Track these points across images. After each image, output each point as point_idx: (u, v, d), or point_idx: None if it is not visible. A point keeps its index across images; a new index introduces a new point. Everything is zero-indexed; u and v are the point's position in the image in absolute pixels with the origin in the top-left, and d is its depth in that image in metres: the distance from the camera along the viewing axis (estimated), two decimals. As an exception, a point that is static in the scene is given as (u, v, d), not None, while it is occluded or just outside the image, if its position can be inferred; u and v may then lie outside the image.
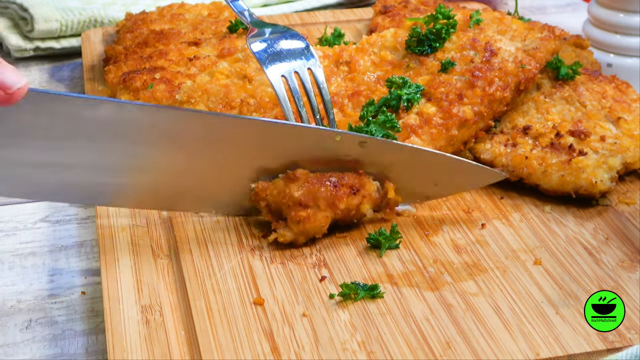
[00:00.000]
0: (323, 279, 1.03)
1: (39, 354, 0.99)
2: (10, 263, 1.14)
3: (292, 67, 1.20)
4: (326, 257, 1.08)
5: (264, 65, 1.20)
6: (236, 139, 1.06)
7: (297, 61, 1.21)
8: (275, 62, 1.20)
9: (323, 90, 1.19)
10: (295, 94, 1.17)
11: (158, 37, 1.48)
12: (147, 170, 1.06)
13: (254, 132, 1.06)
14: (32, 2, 1.78)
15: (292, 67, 1.20)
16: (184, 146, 1.05)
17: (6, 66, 0.89)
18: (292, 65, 1.20)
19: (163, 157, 1.05)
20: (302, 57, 1.22)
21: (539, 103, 1.30)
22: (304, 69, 1.20)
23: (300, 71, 1.20)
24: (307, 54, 1.22)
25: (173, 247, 1.09)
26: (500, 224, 1.15)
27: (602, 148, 1.20)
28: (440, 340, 0.94)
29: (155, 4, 1.83)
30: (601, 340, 0.94)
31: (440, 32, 1.31)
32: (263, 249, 1.09)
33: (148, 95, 1.31)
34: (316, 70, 1.21)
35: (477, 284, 1.03)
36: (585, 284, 1.03)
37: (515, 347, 0.93)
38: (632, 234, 1.13)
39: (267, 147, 1.08)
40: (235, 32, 1.50)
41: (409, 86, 1.23)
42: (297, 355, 0.92)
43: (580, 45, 1.48)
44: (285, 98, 1.16)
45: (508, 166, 1.21)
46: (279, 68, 1.19)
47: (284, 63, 1.20)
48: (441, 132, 1.19)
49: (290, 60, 1.21)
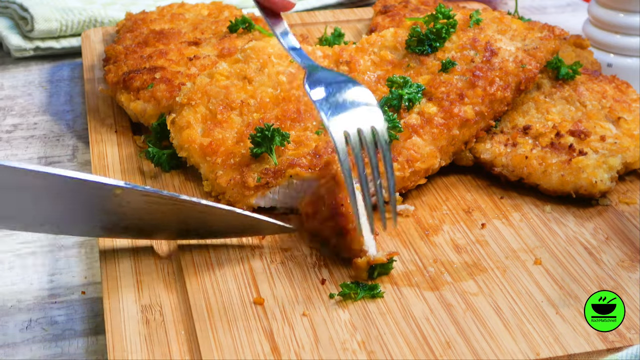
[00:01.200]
0: (324, 281, 1.03)
1: (39, 354, 0.99)
2: (10, 263, 1.14)
3: (355, 123, 1.05)
4: (326, 257, 1.08)
5: (327, 117, 1.06)
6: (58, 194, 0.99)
7: (361, 115, 1.07)
8: (338, 114, 1.06)
9: (387, 153, 1.05)
10: (358, 157, 1.04)
11: (158, 37, 1.48)
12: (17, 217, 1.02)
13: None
14: (32, 2, 1.78)
15: (356, 122, 1.06)
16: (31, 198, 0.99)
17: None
18: (356, 120, 1.06)
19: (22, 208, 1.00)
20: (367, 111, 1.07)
21: (539, 103, 1.30)
22: (367, 126, 1.05)
23: (364, 128, 1.05)
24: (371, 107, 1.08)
25: (173, 247, 1.09)
26: (500, 224, 1.15)
27: (602, 148, 1.20)
28: (440, 340, 0.94)
29: (155, 4, 1.84)
30: (601, 340, 0.94)
31: (441, 31, 1.31)
32: (263, 249, 1.09)
33: (148, 95, 1.32)
34: (381, 129, 1.06)
35: (477, 283, 1.03)
36: (585, 284, 1.03)
37: (515, 347, 0.93)
38: (632, 234, 1.13)
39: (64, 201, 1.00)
40: (235, 32, 1.50)
41: (410, 86, 1.23)
42: (297, 355, 0.92)
43: (580, 45, 1.48)
44: (346, 160, 1.03)
45: (508, 166, 1.21)
46: (342, 122, 1.05)
47: (347, 115, 1.06)
48: (442, 132, 1.19)
49: (354, 113, 1.07)
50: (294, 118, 1.22)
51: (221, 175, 1.16)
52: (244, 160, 1.17)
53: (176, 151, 1.23)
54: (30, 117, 1.54)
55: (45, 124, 1.51)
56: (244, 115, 1.23)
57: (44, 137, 1.47)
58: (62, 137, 1.47)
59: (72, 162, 1.39)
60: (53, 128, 1.50)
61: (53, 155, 1.41)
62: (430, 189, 1.23)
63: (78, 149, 1.43)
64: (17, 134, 1.48)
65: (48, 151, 1.42)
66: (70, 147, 1.44)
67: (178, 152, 1.23)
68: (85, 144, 1.43)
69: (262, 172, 1.15)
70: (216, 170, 1.17)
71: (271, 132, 1.15)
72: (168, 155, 1.25)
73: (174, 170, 1.26)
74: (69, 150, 1.42)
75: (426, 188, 1.23)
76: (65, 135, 1.47)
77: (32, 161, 1.39)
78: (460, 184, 1.24)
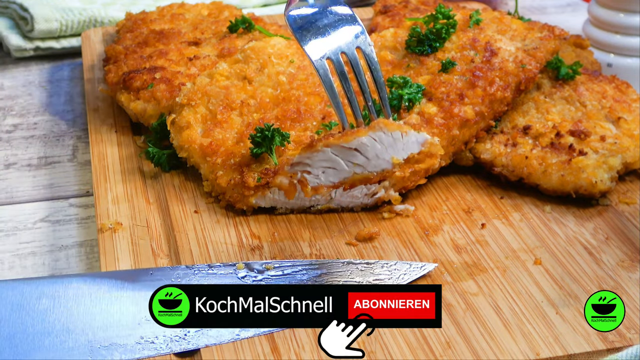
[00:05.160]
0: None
1: (39, 353, 0.99)
2: (10, 263, 1.14)
3: (338, 46, 1.01)
4: (326, 257, 1.08)
5: (303, 42, 1.01)
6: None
7: (343, 38, 1.02)
8: (316, 38, 1.02)
9: (375, 72, 1.02)
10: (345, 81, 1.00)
11: (158, 37, 1.49)
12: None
13: None
14: (32, 2, 1.78)
15: (339, 46, 1.01)
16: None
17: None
18: (337, 43, 1.01)
19: None
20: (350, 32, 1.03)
21: (539, 103, 1.30)
22: (352, 48, 1.02)
23: (348, 51, 1.02)
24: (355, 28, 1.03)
25: (173, 247, 1.09)
26: (500, 224, 1.15)
27: (602, 148, 1.20)
28: (440, 340, 0.94)
29: (155, 4, 1.84)
30: (601, 340, 0.94)
31: (440, 32, 1.31)
32: (263, 249, 1.09)
33: (148, 95, 1.32)
34: (366, 48, 1.03)
35: (477, 284, 1.03)
36: (585, 284, 1.03)
37: (515, 347, 0.93)
38: (632, 234, 1.13)
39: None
40: (235, 32, 1.50)
41: (410, 86, 1.23)
42: (297, 355, 0.92)
43: (580, 45, 1.48)
44: (332, 86, 1.00)
45: (508, 166, 1.21)
46: (322, 46, 1.01)
47: (328, 40, 1.02)
48: (442, 132, 1.19)
49: (335, 36, 1.02)
50: (294, 118, 1.22)
51: (221, 175, 1.16)
52: (244, 160, 1.17)
53: (176, 151, 1.23)
54: (30, 117, 1.54)
55: (45, 124, 1.51)
56: (244, 115, 1.23)
57: (44, 137, 1.47)
58: (62, 137, 1.47)
59: (72, 162, 1.39)
60: (53, 128, 1.50)
61: (53, 155, 1.41)
62: (430, 189, 1.23)
63: (78, 149, 1.43)
64: (17, 134, 1.48)
65: (48, 151, 1.42)
66: (70, 147, 1.44)
67: (178, 152, 1.23)
68: (85, 144, 1.43)
69: (262, 172, 1.15)
70: (216, 170, 1.17)
71: (271, 132, 1.15)
72: (168, 155, 1.25)
73: (174, 170, 1.26)
74: (69, 150, 1.42)
75: (426, 188, 1.23)
76: (65, 135, 1.47)
77: (32, 161, 1.39)
78: (460, 184, 1.24)
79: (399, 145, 1.11)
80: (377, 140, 1.09)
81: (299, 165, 1.11)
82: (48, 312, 0.92)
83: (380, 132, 1.08)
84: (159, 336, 0.91)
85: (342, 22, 1.06)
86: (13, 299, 0.94)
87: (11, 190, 1.31)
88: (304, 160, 1.11)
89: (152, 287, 0.91)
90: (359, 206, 1.18)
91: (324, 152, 1.09)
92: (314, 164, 1.11)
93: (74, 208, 1.26)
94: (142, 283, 0.97)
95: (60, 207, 1.26)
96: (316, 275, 1.01)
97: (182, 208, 1.18)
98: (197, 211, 1.17)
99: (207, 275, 1.00)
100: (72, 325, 0.91)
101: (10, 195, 1.29)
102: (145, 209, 1.17)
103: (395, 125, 1.09)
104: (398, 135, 1.09)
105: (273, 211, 1.17)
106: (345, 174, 1.13)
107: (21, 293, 0.94)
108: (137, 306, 0.94)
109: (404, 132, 1.09)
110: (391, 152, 1.11)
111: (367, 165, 1.12)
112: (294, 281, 1.00)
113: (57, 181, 1.33)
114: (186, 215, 1.16)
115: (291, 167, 1.11)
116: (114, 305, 0.94)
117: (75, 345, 0.90)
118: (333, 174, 1.13)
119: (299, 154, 1.10)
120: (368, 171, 1.12)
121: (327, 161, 1.11)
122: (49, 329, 0.91)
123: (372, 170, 1.13)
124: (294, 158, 1.10)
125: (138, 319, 0.93)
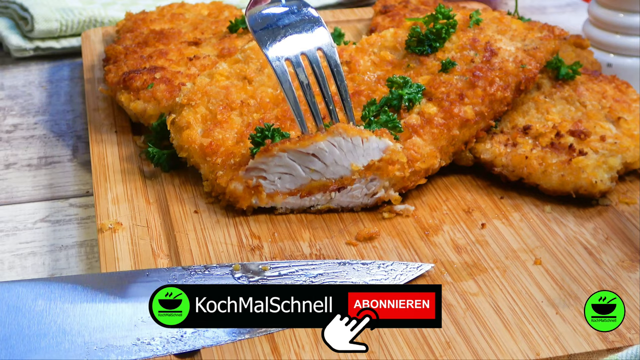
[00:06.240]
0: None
1: (39, 354, 0.99)
2: (10, 263, 1.14)
3: (299, 48, 1.00)
4: (326, 257, 1.08)
5: (264, 46, 1.00)
6: None
7: (305, 40, 1.01)
8: (276, 39, 1.01)
9: (338, 75, 1.01)
10: (305, 84, 0.99)
11: (158, 37, 1.48)
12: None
13: None
14: (32, 2, 1.78)
15: (300, 48, 1.00)
16: None
17: None
18: (299, 45, 1.00)
19: None
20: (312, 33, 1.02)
21: (539, 103, 1.30)
22: (313, 50, 1.01)
23: (309, 53, 1.01)
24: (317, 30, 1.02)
25: (173, 247, 1.09)
26: (500, 224, 1.15)
27: (602, 148, 1.20)
28: (440, 340, 0.94)
29: (155, 4, 1.83)
30: (601, 340, 0.94)
31: (440, 32, 1.31)
32: (263, 249, 1.09)
33: (148, 95, 1.31)
34: (329, 50, 1.02)
35: (477, 283, 1.03)
36: (585, 284, 1.03)
37: (515, 347, 0.93)
38: (632, 234, 1.13)
39: None
40: (236, 32, 1.50)
41: (410, 86, 1.23)
42: (297, 355, 0.92)
43: (580, 45, 1.48)
44: (291, 88, 1.00)
45: (508, 166, 1.21)
46: (282, 49, 1.00)
47: (289, 42, 1.01)
48: (442, 132, 1.19)
49: (296, 38, 1.01)
50: (294, 118, 1.22)
51: (221, 175, 1.16)
52: (244, 160, 1.17)
53: (176, 151, 1.23)
54: (30, 117, 1.54)
55: (45, 124, 1.51)
56: (244, 115, 1.23)
57: (44, 137, 1.47)
58: (62, 137, 1.47)
59: (72, 162, 1.39)
60: (53, 128, 1.50)
61: (53, 155, 1.41)
62: (430, 189, 1.23)
63: (78, 149, 1.43)
64: (17, 134, 1.48)
65: (48, 151, 1.42)
66: (70, 147, 1.44)
67: (178, 152, 1.23)
68: (85, 144, 1.43)
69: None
70: (216, 170, 1.17)
71: (271, 132, 1.15)
72: (168, 155, 1.25)
73: (174, 170, 1.26)
74: (69, 150, 1.42)
75: (426, 188, 1.23)
76: (65, 135, 1.47)
77: (32, 161, 1.39)
78: (460, 184, 1.24)
79: (358, 151, 1.09)
80: (336, 146, 1.07)
81: (254, 171, 1.09)
82: (44, 314, 0.92)
83: (339, 137, 1.06)
84: (156, 337, 0.91)
85: (305, 23, 1.05)
86: (9, 301, 0.93)
87: (11, 190, 1.31)
88: (259, 165, 1.08)
89: (149, 288, 0.91)
90: (359, 206, 1.18)
91: (280, 157, 1.07)
92: (270, 169, 1.09)
93: (74, 208, 1.26)
94: (139, 284, 0.97)
95: (60, 207, 1.26)
96: (313, 276, 1.01)
97: (182, 208, 1.18)
98: (197, 211, 1.17)
99: (203, 276, 0.99)
100: (68, 327, 0.91)
101: (10, 195, 1.29)
102: (145, 209, 1.17)
103: (355, 131, 1.07)
104: (358, 141, 1.07)
105: (273, 211, 1.17)
106: (302, 181, 1.11)
107: (17, 295, 0.94)
108: (134, 307, 0.94)
109: (365, 138, 1.07)
110: (350, 158, 1.09)
111: (325, 171, 1.10)
112: (290, 282, 1.00)
113: (57, 181, 1.33)
114: (186, 215, 1.16)
115: (246, 173, 1.09)
116: (111, 306, 0.94)
117: (71, 346, 0.90)
118: (289, 180, 1.11)
119: (254, 159, 1.08)
120: (326, 178, 1.11)
121: (283, 167, 1.09)
122: (45, 331, 0.91)
123: (330, 177, 1.11)
124: (249, 163, 1.08)
125: (134, 321, 0.93)
